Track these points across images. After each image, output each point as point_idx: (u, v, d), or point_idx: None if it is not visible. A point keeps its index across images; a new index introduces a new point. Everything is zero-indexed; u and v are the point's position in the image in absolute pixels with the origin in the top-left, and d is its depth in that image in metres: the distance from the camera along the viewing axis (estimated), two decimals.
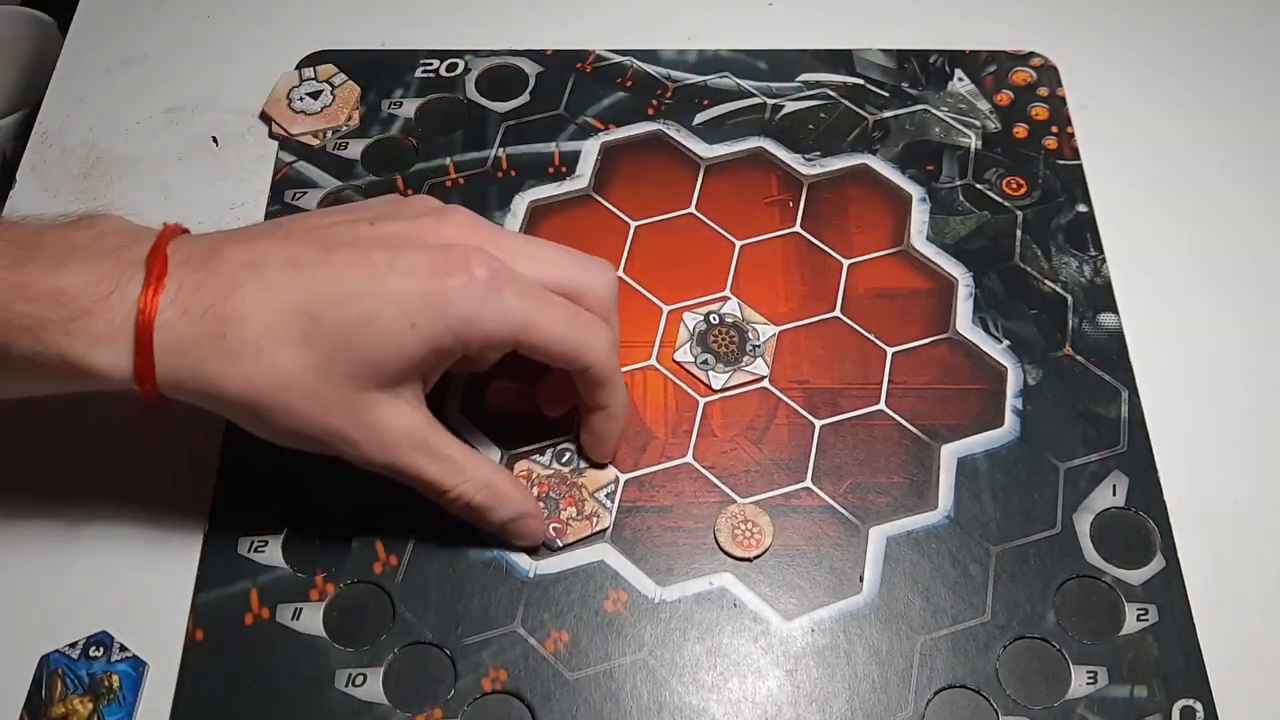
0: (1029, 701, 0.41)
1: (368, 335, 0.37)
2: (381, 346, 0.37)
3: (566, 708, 0.40)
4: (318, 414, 0.38)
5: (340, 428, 0.38)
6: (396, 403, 0.39)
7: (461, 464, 0.40)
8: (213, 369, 0.37)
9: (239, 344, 0.36)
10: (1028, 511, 0.45)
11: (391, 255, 0.38)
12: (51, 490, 0.45)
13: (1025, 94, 0.56)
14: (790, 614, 0.42)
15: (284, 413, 0.38)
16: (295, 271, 0.37)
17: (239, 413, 0.38)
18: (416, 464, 0.40)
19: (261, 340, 0.36)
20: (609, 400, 0.43)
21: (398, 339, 0.37)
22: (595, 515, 0.44)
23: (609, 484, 0.45)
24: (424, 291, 0.37)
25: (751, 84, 0.56)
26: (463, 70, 0.56)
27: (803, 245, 0.51)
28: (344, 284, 0.37)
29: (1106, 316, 0.49)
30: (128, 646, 0.41)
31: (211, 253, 0.38)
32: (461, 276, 0.37)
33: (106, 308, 0.36)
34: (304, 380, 0.37)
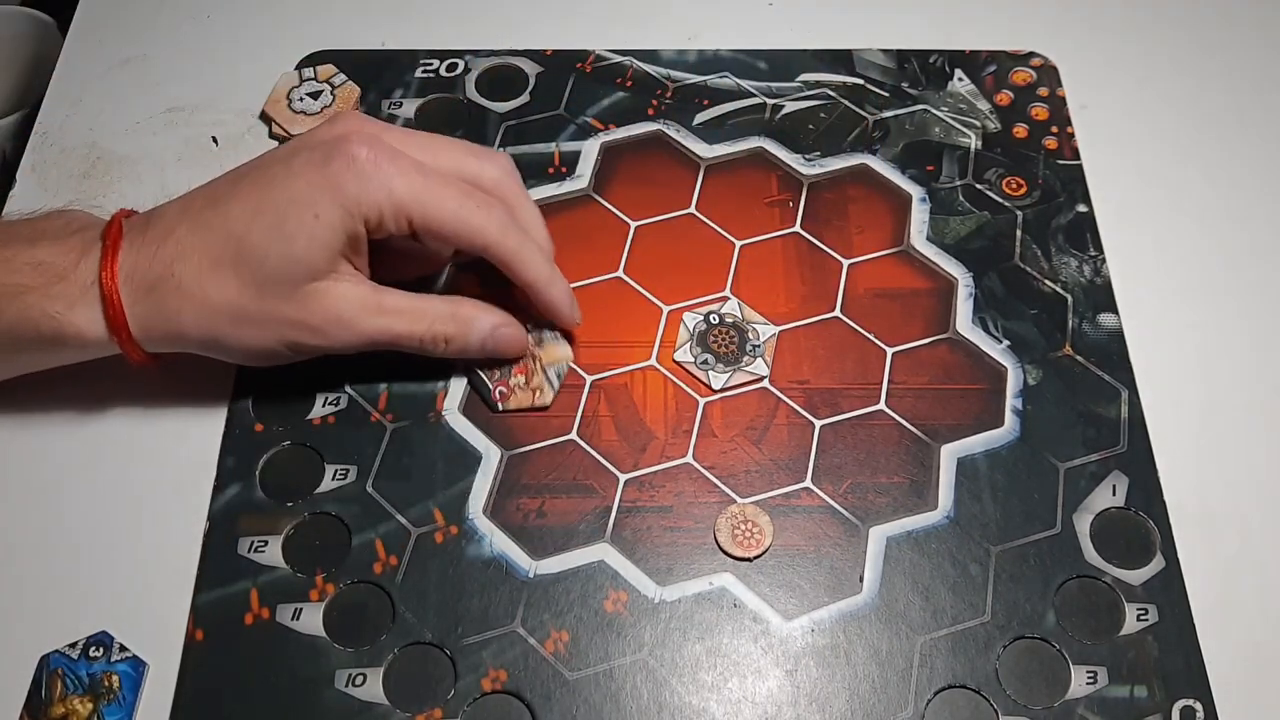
0: (1029, 701, 0.41)
1: (282, 238, 0.41)
2: (298, 244, 0.41)
3: (566, 708, 0.40)
4: (272, 317, 0.42)
5: (298, 319, 0.42)
6: (337, 285, 0.42)
7: (421, 309, 0.44)
8: (170, 308, 0.41)
9: (184, 280, 0.41)
10: (1028, 511, 0.45)
11: (285, 165, 0.42)
12: (52, 490, 0.45)
13: (1025, 94, 0.56)
14: (790, 614, 0.42)
15: (243, 327, 0.42)
16: (215, 206, 0.42)
17: (207, 343, 0.43)
18: (380, 326, 0.43)
19: (202, 271, 0.41)
20: (527, 276, 0.45)
21: (308, 232, 0.41)
22: (539, 389, 0.46)
23: (561, 362, 0.46)
24: (314, 182, 0.41)
25: (751, 84, 0.56)
26: (463, 70, 0.56)
27: (803, 245, 0.51)
28: (252, 202, 0.41)
29: (1106, 316, 0.49)
30: (128, 646, 0.41)
31: (154, 214, 0.43)
32: (342, 160, 0.41)
33: (77, 273, 0.41)
34: (247, 296, 0.41)
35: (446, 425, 0.46)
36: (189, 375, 0.46)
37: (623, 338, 0.49)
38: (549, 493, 0.45)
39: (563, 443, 0.46)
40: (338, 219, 0.41)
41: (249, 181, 0.42)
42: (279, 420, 0.46)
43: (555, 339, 0.47)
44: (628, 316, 0.49)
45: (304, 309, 0.42)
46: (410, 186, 0.42)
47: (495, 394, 0.46)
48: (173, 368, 0.44)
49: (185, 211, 0.42)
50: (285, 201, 0.41)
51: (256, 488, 0.45)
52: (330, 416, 0.46)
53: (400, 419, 0.46)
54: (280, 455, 0.45)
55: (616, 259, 0.51)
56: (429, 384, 0.47)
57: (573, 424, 0.46)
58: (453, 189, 0.43)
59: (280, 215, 0.41)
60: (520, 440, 0.46)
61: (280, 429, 0.46)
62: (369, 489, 0.45)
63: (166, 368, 0.44)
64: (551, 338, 0.47)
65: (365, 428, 0.46)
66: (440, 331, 0.44)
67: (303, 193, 0.41)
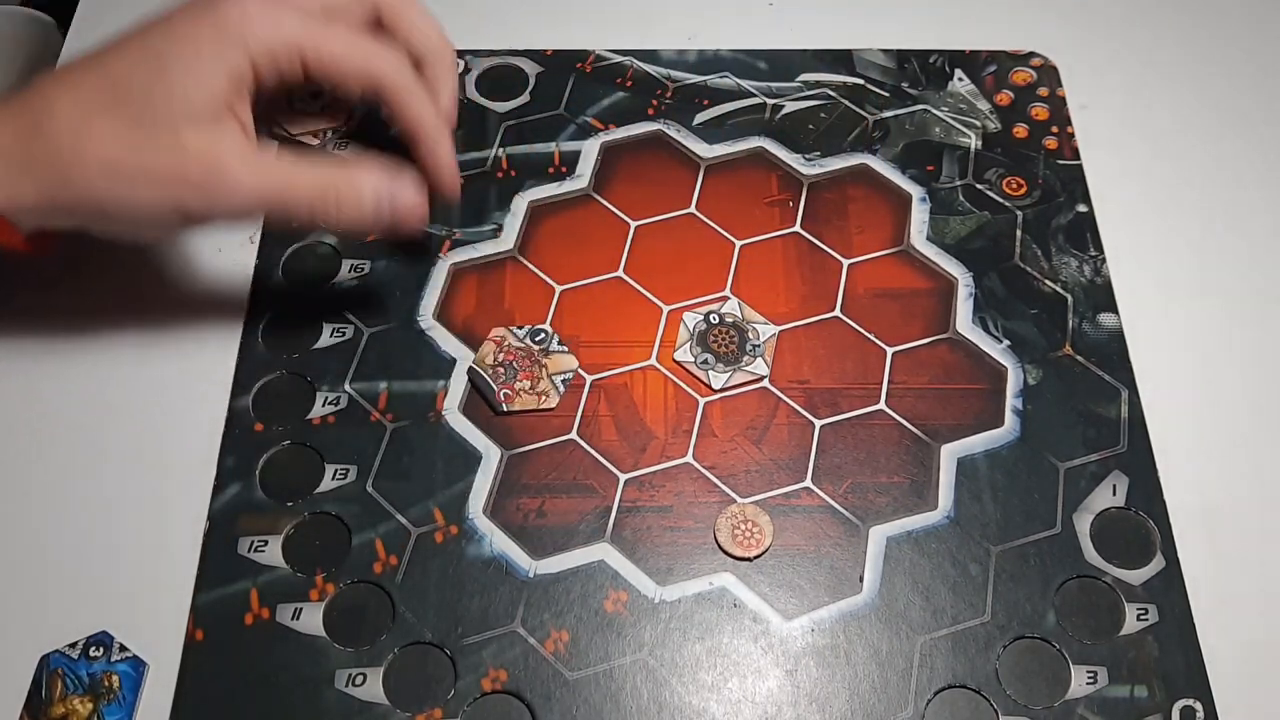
0: (1029, 701, 0.41)
1: (161, 76, 0.39)
2: (181, 84, 0.39)
3: (566, 708, 0.40)
4: (149, 168, 0.39)
5: (178, 170, 0.39)
6: (222, 136, 0.40)
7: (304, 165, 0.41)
8: (43, 170, 0.39)
9: (55, 136, 0.39)
10: (1028, 511, 0.45)
11: (167, 19, 0.40)
12: (52, 490, 0.45)
13: (1025, 94, 0.56)
14: (790, 614, 0.42)
15: (119, 182, 0.39)
16: (88, 63, 0.40)
17: (85, 207, 0.40)
18: (266, 180, 0.41)
19: (74, 122, 0.39)
20: (415, 114, 0.43)
21: (188, 68, 0.39)
22: (545, 394, 0.45)
23: (567, 371, 0.46)
24: (198, 20, 0.40)
25: (751, 84, 0.56)
26: (463, 70, 0.56)
27: (803, 245, 0.51)
28: (131, 49, 0.40)
29: (1106, 316, 0.49)
30: (128, 646, 0.41)
31: (29, 85, 0.41)
32: (233, 6, 0.40)
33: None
34: (123, 145, 0.39)
35: (446, 425, 0.46)
36: (189, 375, 0.46)
37: (623, 337, 0.49)
38: (549, 493, 0.45)
39: (563, 443, 0.46)
40: (226, 59, 0.39)
41: (126, 36, 0.41)
42: (279, 420, 0.46)
43: (562, 350, 0.47)
44: (628, 316, 0.49)
45: (184, 161, 0.39)
46: (302, 23, 0.41)
47: (499, 395, 0.46)
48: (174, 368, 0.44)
49: (56, 74, 0.40)
50: (165, 41, 0.39)
51: (256, 488, 0.45)
52: (330, 416, 0.46)
53: (400, 419, 0.46)
54: (280, 455, 0.45)
55: (616, 259, 0.51)
56: (429, 384, 0.47)
57: (573, 424, 0.46)
58: (345, 29, 0.42)
59: (165, 56, 0.39)
60: (520, 440, 0.46)
61: (280, 429, 0.46)
62: (369, 489, 0.45)
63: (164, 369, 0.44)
64: (558, 348, 0.47)
65: (365, 428, 0.46)
66: (331, 188, 0.41)
67: (185, 31, 0.40)
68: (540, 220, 0.52)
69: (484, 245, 0.51)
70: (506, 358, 0.47)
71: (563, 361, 0.46)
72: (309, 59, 0.41)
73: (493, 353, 0.47)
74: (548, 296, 0.49)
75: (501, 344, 0.47)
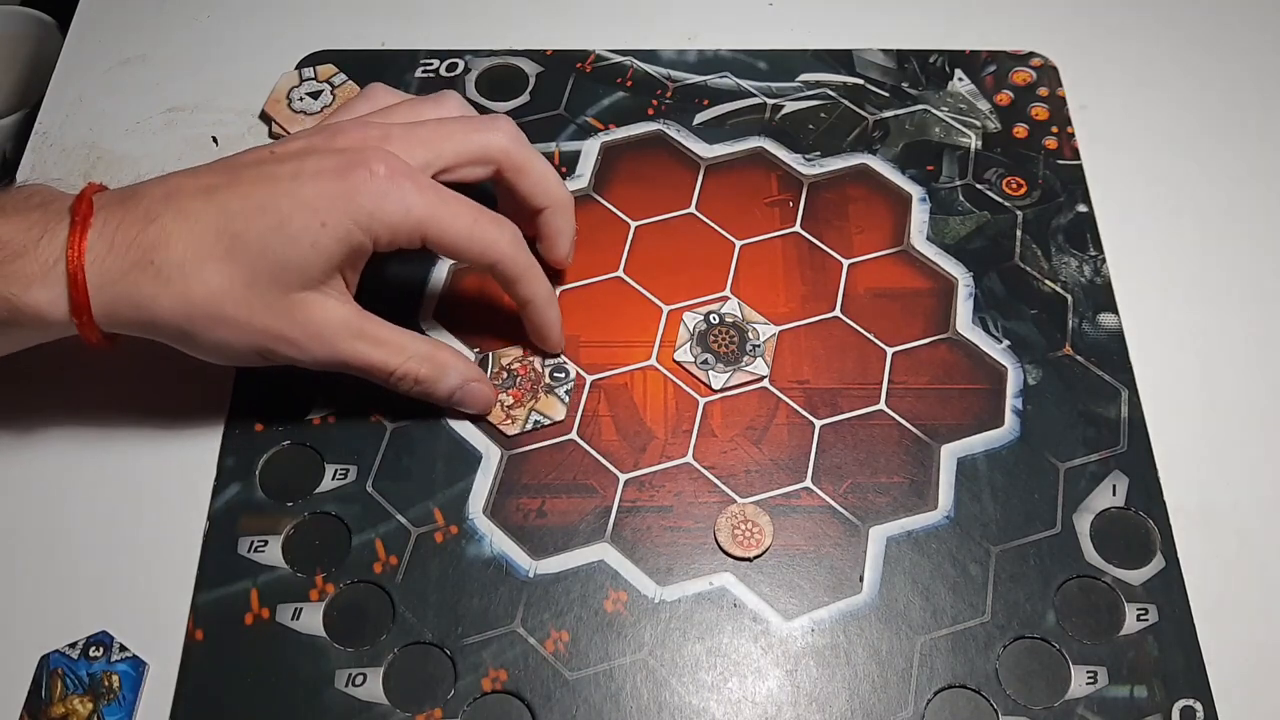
0: (1029, 701, 0.41)
1: (283, 240, 0.40)
2: (298, 249, 0.40)
3: (566, 708, 0.40)
4: (252, 322, 0.40)
5: (277, 330, 0.41)
6: (325, 299, 0.41)
7: (400, 344, 0.43)
8: (145, 294, 0.39)
9: (165, 268, 0.39)
10: (1028, 511, 0.45)
11: (295, 166, 0.41)
12: (52, 490, 0.45)
13: (1025, 94, 0.56)
14: (790, 614, 0.42)
15: (220, 326, 0.40)
16: (208, 196, 0.40)
17: (178, 335, 0.41)
18: (358, 351, 0.42)
19: (186, 262, 0.39)
20: (529, 293, 0.45)
21: (312, 239, 0.40)
22: (514, 420, 0.46)
23: (548, 417, 0.46)
24: (328, 191, 0.40)
25: (751, 84, 0.56)
26: (463, 70, 0.56)
27: (803, 245, 0.51)
28: (254, 199, 0.40)
29: (1106, 316, 0.49)
30: (128, 646, 0.41)
31: (130, 194, 0.41)
32: (362, 173, 0.40)
33: (39, 250, 0.39)
34: (232, 292, 0.40)
35: (446, 425, 0.46)
36: (189, 375, 0.45)
37: (623, 337, 0.49)
38: (549, 493, 0.45)
39: (563, 443, 0.46)
40: (345, 231, 0.40)
41: (250, 178, 0.41)
42: (279, 420, 0.46)
43: (561, 398, 0.47)
44: (628, 316, 0.49)
45: (286, 319, 0.41)
46: (427, 205, 0.41)
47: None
48: (173, 368, 0.44)
49: (171, 197, 0.40)
50: (292, 205, 0.40)
51: (256, 488, 0.45)
52: (330, 416, 0.46)
53: (400, 419, 0.46)
54: (280, 455, 0.45)
55: (616, 259, 0.51)
56: None
57: (573, 424, 0.46)
58: (465, 206, 0.42)
59: (284, 217, 0.40)
60: (520, 440, 0.46)
61: (280, 429, 0.46)
62: (369, 489, 0.45)
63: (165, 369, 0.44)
64: (560, 394, 0.47)
65: (365, 428, 0.46)
66: (413, 371, 0.43)
67: (313, 199, 0.40)
68: None
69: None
70: (519, 370, 0.47)
71: (551, 406, 0.46)
72: (429, 237, 0.41)
73: (515, 358, 0.47)
74: None
75: (526, 356, 0.47)
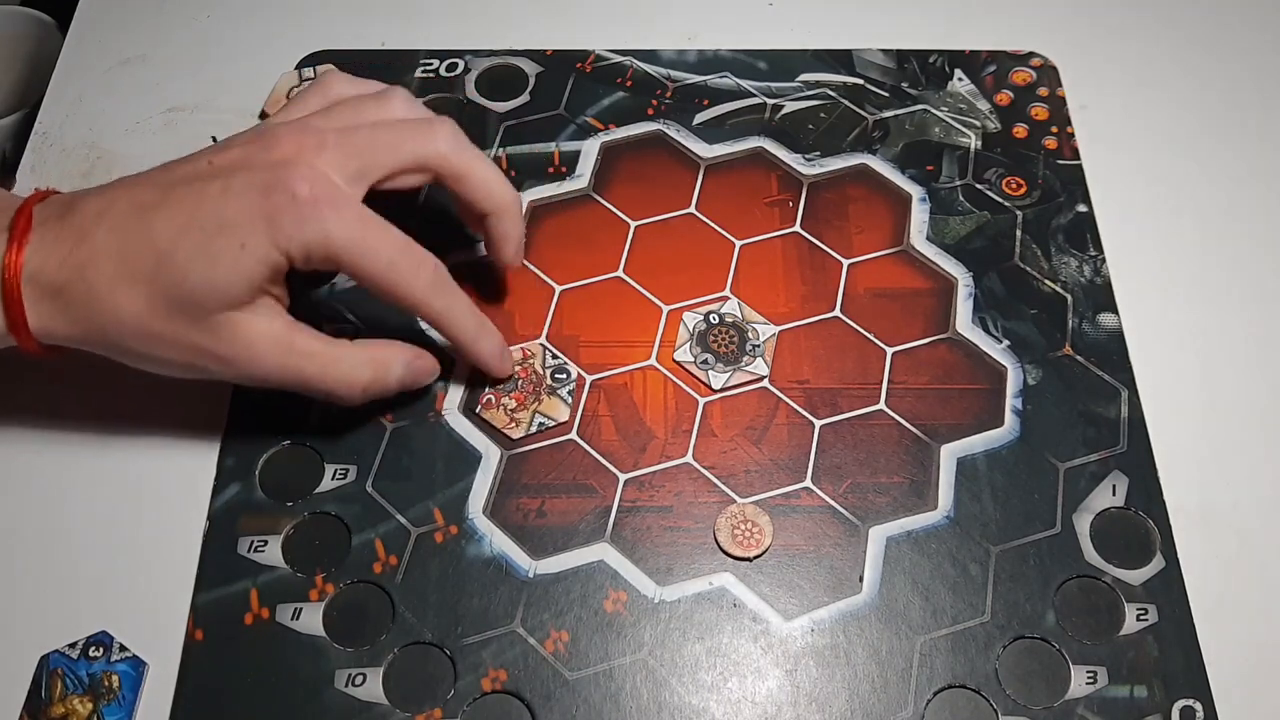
0: (1029, 701, 0.41)
1: (205, 261, 0.39)
2: (221, 270, 0.39)
3: (566, 708, 0.40)
4: (179, 340, 0.40)
5: (205, 347, 0.40)
6: (253, 317, 0.41)
7: (333, 353, 0.42)
8: (78, 312, 0.40)
9: (96, 286, 0.39)
10: (1028, 511, 0.45)
11: (223, 183, 0.40)
12: (52, 490, 0.45)
13: (1025, 94, 0.56)
14: (790, 614, 0.42)
15: (149, 343, 0.40)
16: (140, 213, 0.40)
17: (112, 350, 0.41)
18: (290, 365, 0.41)
19: (115, 280, 0.39)
20: (452, 334, 0.44)
21: (233, 260, 0.39)
22: (518, 423, 0.46)
23: (551, 419, 0.46)
24: (249, 212, 0.39)
25: (751, 84, 0.56)
26: (463, 70, 0.56)
27: (803, 245, 0.51)
28: (180, 217, 0.40)
29: (1106, 316, 0.49)
30: (128, 646, 0.41)
31: (68, 208, 0.41)
32: (283, 195, 0.39)
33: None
34: (158, 311, 0.40)
35: (446, 425, 0.46)
36: None
37: (623, 337, 0.49)
38: (549, 493, 0.45)
39: (563, 443, 0.46)
40: (265, 253, 0.39)
41: (180, 195, 0.40)
42: (279, 420, 0.46)
43: (564, 399, 0.47)
44: (628, 316, 0.49)
45: (213, 337, 0.40)
46: (348, 235, 0.40)
47: (483, 398, 0.46)
48: None
49: (104, 214, 0.40)
50: (216, 225, 0.39)
51: (256, 488, 0.45)
52: (330, 416, 0.46)
53: (400, 419, 0.46)
54: (280, 455, 0.45)
55: (616, 259, 0.51)
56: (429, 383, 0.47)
57: (573, 424, 0.46)
58: (389, 242, 0.41)
59: (207, 238, 0.39)
60: (521, 441, 0.46)
61: (280, 429, 0.46)
62: (369, 489, 0.45)
63: None
64: (563, 396, 0.47)
65: (365, 428, 0.46)
66: (355, 379, 0.43)
67: (238, 222, 0.39)
68: (540, 220, 0.52)
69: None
70: (520, 372, 0.47)
71: (555, 407, 0.46)
72: (344, 268, 0.41)
73: (515, 361, 0.47)
74: (548, 296, 0.49)
75: (527, 359, 0.47)
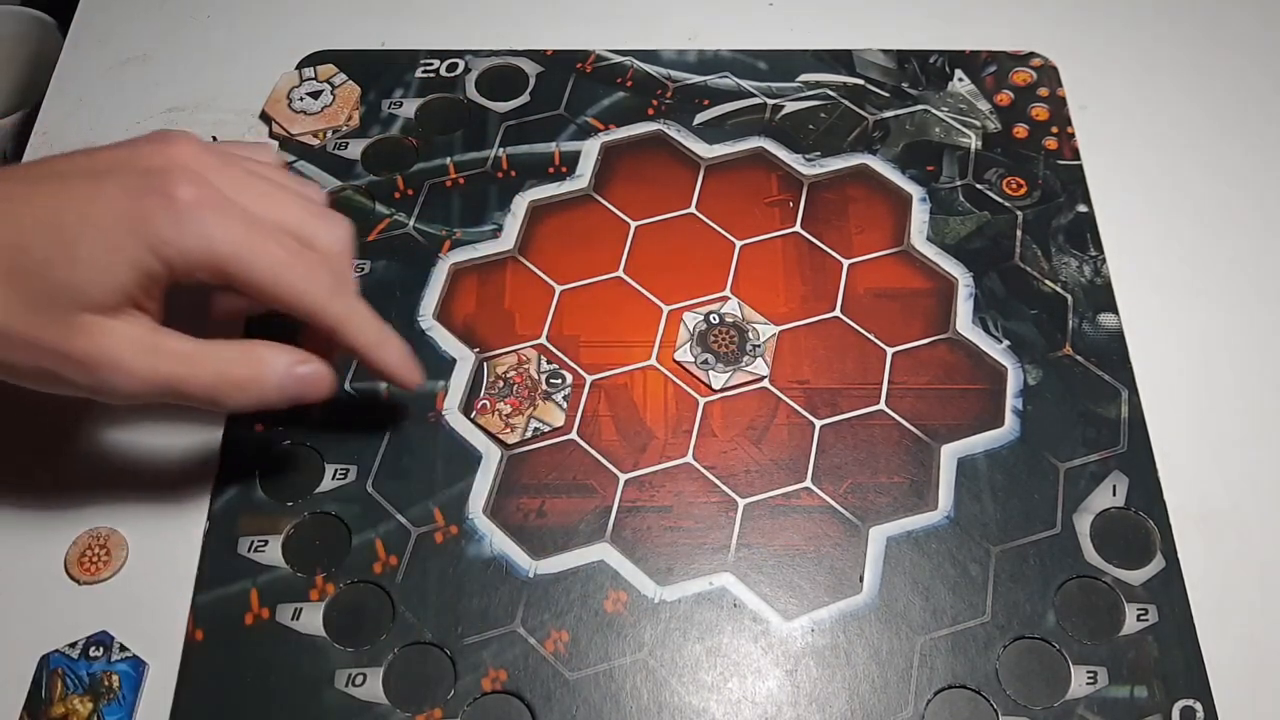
0: (1029, 701, 0.41)
1: (69, 262, 0.36)
2: (85, 272, 0.36)
3: (566, 708, 0.40)
4: (33, 341, 0.37)
5: (61, 349, 0.37)
6: (116, 323, 0.37)
7: (205, 351, 0.39)
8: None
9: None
10: (1028, 511, 0.45)
11: (96, 182, 0.37)
12: (51, 490, 0.45)
13: (1025, 94, 0.56)
14: (790, 614, 0.42)
15: (6, 346, 0.37)
16: (6, 203, 0.37)
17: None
18: (158, 369, 0.38)
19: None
20: (355, 341, 0.41)
21: (101, 263, 0.36)
22: (513, 428, 0.45)
23: (547, 424, 0.46)
24: (121, 213, 0.36)
25: (751, 84, 0.56)
26: (463, 70, 0.56)
27: (803, 245, 0.51)
28: (45, 214, 0.37)
29: (1106, 316, 0.49)
30: (128, 646, 0.41)
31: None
32: (160, 198, 0.37)
33: None
34: (14, 313, 0.37)
35: (446, 425, 0.46)
36: None
37: (623, 337, 0.49)
38: (549, 493, 0.45)
39: (563, 443, 0.46)
40: (137, 258, 0.36)
41: (51, 188, 0.37)
42: (279, 420, 0.46)
43: (560, 404, 0.46)
44: (628, 316, 0.49)
45: (68, 340, 0.37)
46: (231, 239, 0.37)
47: (479, 403, 0.46)
48: None
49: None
50: (80, 223, 0.36)
51: (256, 488, 0.45)
52: (330, 416, 0.46)
53: (400, 419, 0.46)
54: (280, 455, 0.45)
55: (616, 259, 0.51)
56: (429, 384, 0.47)
57: (573, 424, 0.46)
58: (277, 246, 0.38)
59: (75, 238, 0.36)
60: (520, 440, 0.46)
61: (280, 429, 0.46)
62: (369, 489, 0.45)
63: None
64: (558, 400, 0.46)
65: (365, 428, 0.46)
66: (231, 376, 0.39)
67: (103, 219, 0.36)
68: (540, 220, 0.52)
69: (484, 245, 0.51)
70: (515, 378, 0.47)
71: (550, 412, 0.46)
72: (230, 277, 0.38)
73: (510, 366, 0.47)
74: (548, 296, 0.49)
75: (521, 364, 0.47)
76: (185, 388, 0.38)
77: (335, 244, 0.41)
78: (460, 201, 0.52)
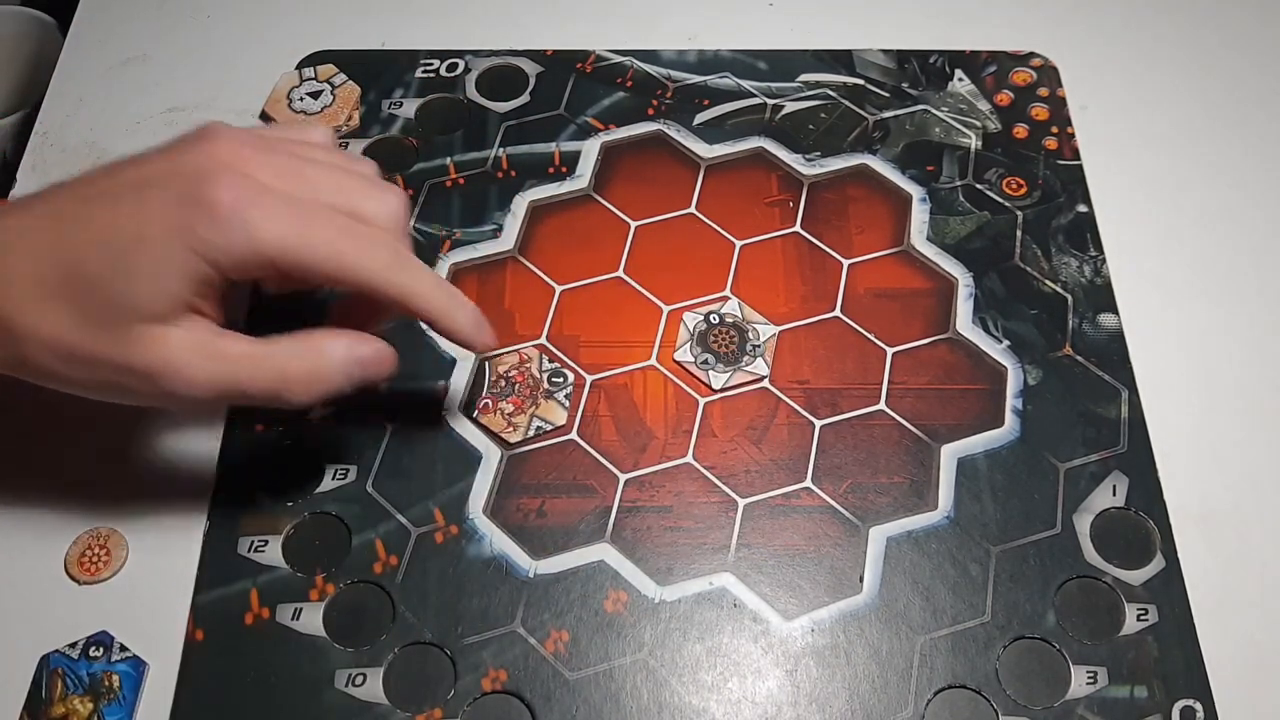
0: (1029, 701, 0.41)
1: (122, 276, 0.37)
2: (139, 284, 0.37)
3: (566, 708, 0.40)
4: (100, 358, 0.37)
5: (124, 366, 0.37)
6: (175, 331, 0.38)
7: (264, 351, 0.39)
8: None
9: (10, 308, 0.37)
10: (1028, 511, 0.45)
11: (142, 194, 0.37)
12: (51, 490, 0.45)
13: (1025, 94, 0.56)
14: (790, 614, 0.42)
15: (70, 363, 0.38)
16: (57, 227, 0.38)
17: (33, 372, 0.39)
18: (220, 373, 0.38)
19: (28, 299, 0.37)
20: (425, 308, 0.40)
21: (154, 274, 0.37)
22: (516, 428, 0.45)
23: (549, 422, 0.46)
24: (168, 224, 0.37)
25: (751, 84, 0.56)
26: (463, 70, 0.56)
27: (803, 245, 0.51)
28: (96, 231, 0.37)
29: (1106, 316, 0.49)
30: (128, 646, 0.41)
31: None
32: (201, 204, 0.37)
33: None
34: (75, 332, 0.37)
35: (447, 425, 0.46)
36: None
37: (623, 338, 0.49)
38: (549, 493, 0.45)
39: (563, 443, 0.46)
40: (187, 267, 0.37)
41: (100, 205, 0.38)
42: (279, 420, 0.46)
43: (562, 402, 0.46)
44: (628, 316, 0.49)
45: (130, 352, 0.37)
46: (277, 232, 0.37)
47: (480, 403, 0.46)
48: None
49: (22, 230, 0.38)
50: (131, 238, 0.37)
51: (256, 488, 0.45)
52: (330, 416, 0.46)
53: (400, 419, 0.46)
54: (280, 455, 0.45)
55: (616, 259, 0.51)
56: (429, 384, 0.47)
57: (573, 424, 0.46)
58: (328, 226, 0.38)
59: (125, 252, 0.37)
60: (522, 439, 0.46)
61: (280, 429, 0.46)
62: (369, 489, 0.45)
63: None
64: (560, 399, 0.47)
65: (365, 428, 0.46)
66: (292, 372, 0.39)
67: (151, 231, 0.37)
68: (540, 220, 0.52)
69: (484, 245, 0.51)
70: (516, 378, 0.47)
71: (553, 411, 0.46)
72: (282, 262, 0.37)
73: (512, 365, 0.47)
74: (548, 296, 0.49)
75: (523, 363, 0.47)
76: (248, 389, 0.38)
77: (389, 216, 0.40)
78: (460, 201, 0.52)
